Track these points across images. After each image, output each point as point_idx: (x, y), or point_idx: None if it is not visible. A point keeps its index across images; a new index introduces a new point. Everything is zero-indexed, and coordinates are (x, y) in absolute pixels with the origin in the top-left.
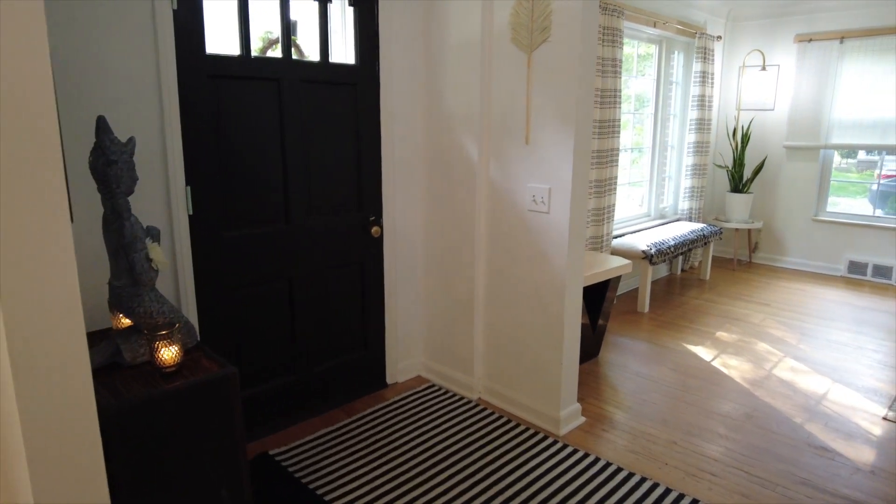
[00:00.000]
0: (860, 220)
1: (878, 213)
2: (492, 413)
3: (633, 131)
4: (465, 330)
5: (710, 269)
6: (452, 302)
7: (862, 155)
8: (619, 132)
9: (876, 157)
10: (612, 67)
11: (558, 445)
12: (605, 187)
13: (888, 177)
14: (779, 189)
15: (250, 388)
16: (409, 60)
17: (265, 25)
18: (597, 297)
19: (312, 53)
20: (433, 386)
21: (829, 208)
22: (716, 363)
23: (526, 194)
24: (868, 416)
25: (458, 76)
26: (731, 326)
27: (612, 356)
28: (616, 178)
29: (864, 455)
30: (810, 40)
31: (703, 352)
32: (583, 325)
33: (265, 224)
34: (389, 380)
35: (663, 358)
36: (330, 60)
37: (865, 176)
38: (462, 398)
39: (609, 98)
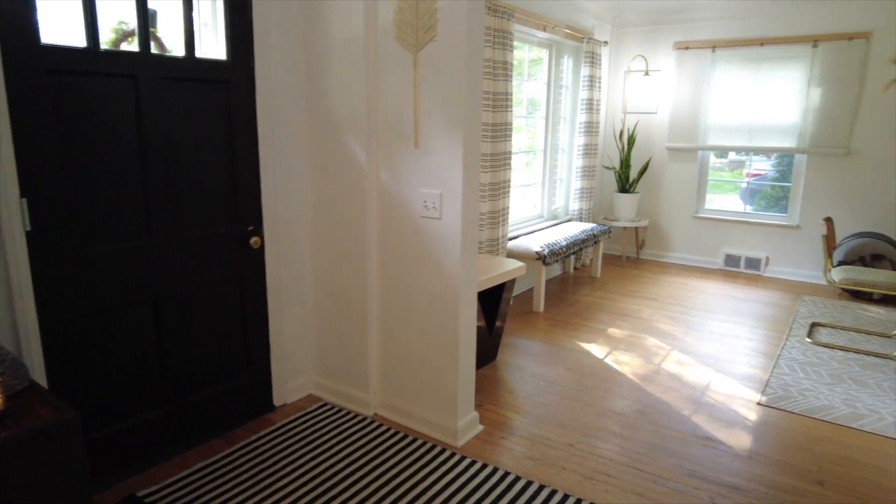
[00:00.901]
0: (733, 216)
1: (748, 209)
2: (388, 429)
3: (527, 134)
4: (359, 343)
5: (601, 266)
6: (344, 314)
7: (732, 155)
8: (511, 135)
9: (744, 158)
10: (503, 70)
11: (456, 458)
12: (499, 190)
13: (754, 175)
14: (662, 188)
15: (114, 424)
16: (290, 57)
17: (118, 15)
18: (494, 299)
19: (177, 48)
20: (326, 405)
21: (707, 205)
22: (609, 360)
23: (418, 200)
24: (745, 402)
25: (342, 75)
26: (621, 322)
27: (510, 358)
28: (509, 181)
29: (743, 441)
30: (687, 48)
31: (597, 349)
32: (480, 329)
33: (123, 239)
34: (277, 401)
35: (559, 358)
36: (197, 55)
37: (736, 175)
38: (357, 416)
39: (501, 101)
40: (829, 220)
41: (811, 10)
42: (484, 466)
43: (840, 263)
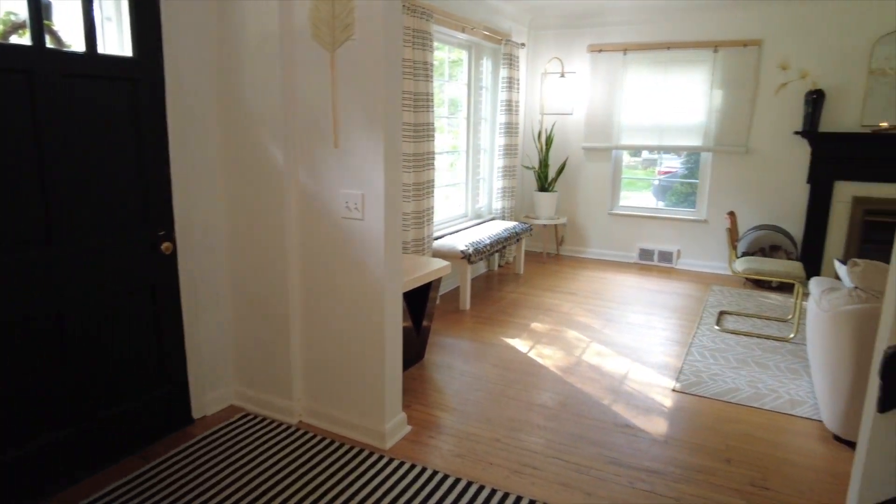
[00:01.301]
0: (646, 212)
1: (660, 205)
2: (314, 436)
3: (450, 135)
4: (282, 349)
5: (524, 263)
6: (265, 320)
7: (646, 154)
8: (433, 136)
9: (656, 156)
10: (423, 71)
11: (384, 461)
12: (423, 190)
13: (665, 173)
14: (579, 187)
15: (13, 450)
16: (202, 55)
17: (6, 5)
18: (420, 298)
19: (77, 42)
20: (248, 415)
21: (622, 202)
22: (532, 354)
23: (339, 201)
24: (661, 389)
25: (257, 74)
26: (544, 317)
27: (438, 357)
28: (433, 180)
29: (660, 427)
30: (601, 50)
31: (521, 344)
32: (407, 329)
33: (19, 248)
34: (196, 414)
35: (485, 354)
36: (99, 51)
37: (649, 173)
38: (281, 424)
39: (422, 101)
40: (732, 215)
41: (711, 17)
42: (413, 467)
43: (743, 255)
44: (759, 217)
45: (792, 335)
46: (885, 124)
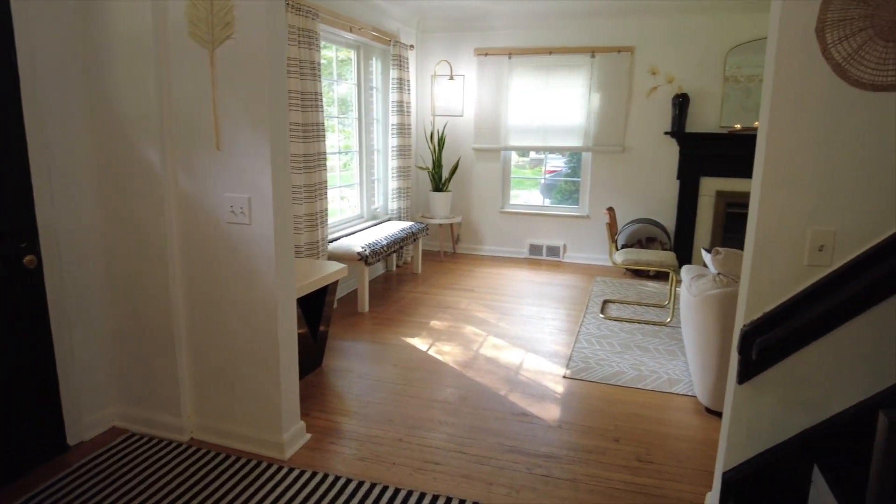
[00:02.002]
0: (535, 209)
1: (547, 202)
2: (207, 452)
3: (342, 135)
4: (168, 365)
5: (422, 262)
6: (148, 335)
7: (532, 154)
8: (324, 136)
9: (542, 157)
10: (310, 70)
11: (284, 471)
12: (316, 192)
13: (550, 172)
14: (472, 186)
15: None
16: (64, 49)
17: None
18: (316, 303)
19: None
20: (133, 436)
21: (512, 201)
22: (432, 352)
23: (224, 205)
24: (553, 377)
25: (129, 72)
26: (443, 314)
27: (337, 362)
28: (326, 181)
29: (553, 413)
30: (487, 54)
31: (421, 342)
32: (303, 336)
33: None
34: (72, 440)
35: (385, 355)
36: None
37: (535, 172)
38: (171, 443)
39: (310, 101)
40: (611, 210)
41: (589, 25)
42: (314, 475)
43: (622, 247)
44: (635, 211)
45: (668, 319)
46: (738, 126)
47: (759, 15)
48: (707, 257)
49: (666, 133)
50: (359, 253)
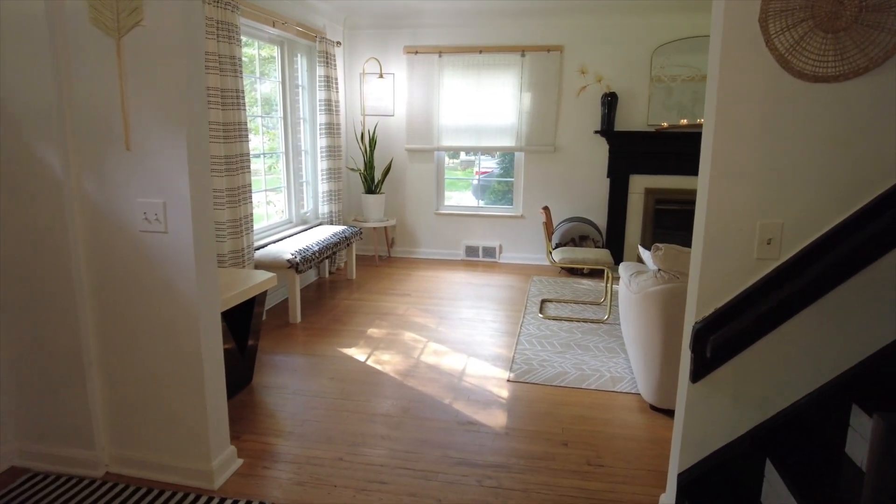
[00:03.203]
0: (469, 210)
1: (481, 203)
2: (125, 488)
3: (268, 136)
4: (77, 393)
5: (356, 268)
6: (53, 362)
7: (463, 155)
8: (247, 136)
9: (473, 158)
10: (231, 66)
11: (214, 502)
12: (239, 196)
13: (482, 173)
14: (406, 188)
15: None
16: None
17: None
18: (244, 315)
19: None
20: (37, 475)
21: (446, 202)
22: (370, 362)
23: (136, 212)
24: (497, 381)
25: (18, 63)
26: (380, 322)
27: (268, 378)
28: (250, 185)
29: (500, 420)
30: (416, 52)
31: (358, 353)
32: (230, 352)
33: None
34: None
35: (321, 368)
36: None
37: (467, 173)
38: (82, 480)
39: (231, 99)
40: (546, 210)
41: (518, 23)
42: None
43: (556, 245)
44: (568, 210)
45: (606, 317)
46: (665, 124)
47: (683, 15)
48: (646, 254)
49: (596, 132)
50: (288, 260)
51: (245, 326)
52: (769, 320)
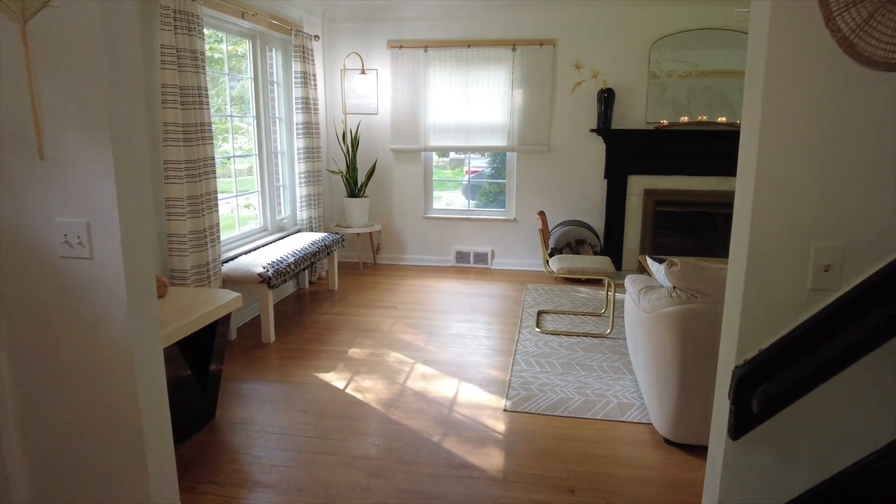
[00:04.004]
0: (460, 214)
1: (472, 204)
2: None
3: (245, 136)
4: None
5: (339, 277)
6: None
7: (452, 154)
8: (211, 138)
9: (463, 156)
10: (191, 60)
11: None
12: (203, 204)
13: (472, 173)
14: (392, 191)
15: None
16: None
17: None
18: (206, 337)
19: None
20: None
21: (435, 205)
22: (350, 390)
23: (55, 234)
24: (492, 412)
25: None
26: (363, 340)
27: (233, 411)
28: (215, 191)
29: (496, 461)
30: (401, 47)
31: (337, 378)
32: (187, 382)
33: None
34: None
35: (294, 398)
36: None
37: (456, 172)
38: None
39: (192, 97)
40: (542, 214)
41: (508, 16)
42: None
43: (552, 251)
44: (563, 213)
45: (608, 331)
46: (664, 122)
47: (683, 5)
48: (655, 266)
49: (592, 130)
50: (260, 274)
51: (207, 349)
52: (831, 367)
